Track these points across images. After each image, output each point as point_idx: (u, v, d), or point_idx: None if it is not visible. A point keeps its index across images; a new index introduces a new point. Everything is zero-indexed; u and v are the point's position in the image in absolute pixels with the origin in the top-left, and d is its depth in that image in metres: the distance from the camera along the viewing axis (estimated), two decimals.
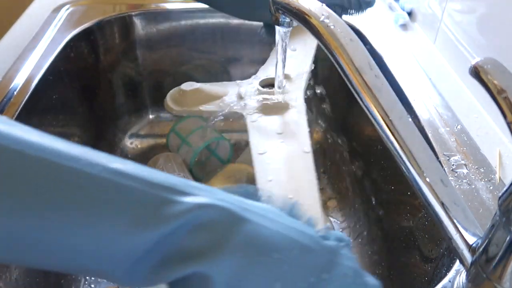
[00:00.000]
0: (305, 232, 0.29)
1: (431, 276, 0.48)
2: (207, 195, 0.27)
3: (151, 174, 0.26)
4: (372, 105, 0.34)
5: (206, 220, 0.25)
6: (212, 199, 0.26)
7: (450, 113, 0.56)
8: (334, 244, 0.29)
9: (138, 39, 0.79)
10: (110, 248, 0.24)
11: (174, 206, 0.25)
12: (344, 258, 0.29)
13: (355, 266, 0.29)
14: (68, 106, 0.69)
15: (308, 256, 0.28)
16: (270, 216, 0.28)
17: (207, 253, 0.25)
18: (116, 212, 0.24)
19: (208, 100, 0.57)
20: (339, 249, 0.29)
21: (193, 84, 0.58)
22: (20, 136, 0.24)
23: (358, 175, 0.73)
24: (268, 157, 0.48)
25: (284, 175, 0.46)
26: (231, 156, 0.77)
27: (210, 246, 0.25)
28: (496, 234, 0.29)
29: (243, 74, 0.83)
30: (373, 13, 0.77)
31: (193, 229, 0.25)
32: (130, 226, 0.24)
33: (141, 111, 0.85)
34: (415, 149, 0.33)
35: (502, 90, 0.25)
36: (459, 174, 0.47)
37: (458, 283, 0.36)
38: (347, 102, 0.77)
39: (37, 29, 0.70)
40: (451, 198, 0.32)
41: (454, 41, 0.62)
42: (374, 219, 0.65)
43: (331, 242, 0.29)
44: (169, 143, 0.78)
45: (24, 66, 0.61)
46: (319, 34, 0.38)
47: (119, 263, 0.25)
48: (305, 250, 0.28)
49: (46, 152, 0.24)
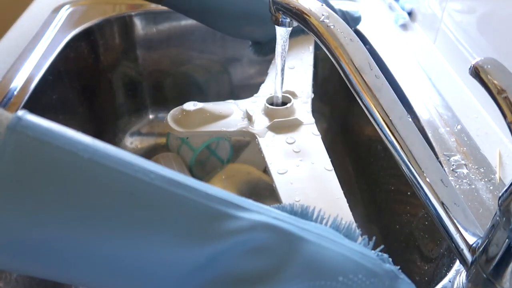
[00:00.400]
0: (367, 254, 0.27)
1: (431, 276, 0.48)
2: (262, 211, 0.25)
3: (204, 186, 0.24)
4: (372, 105, 0.34)
5: (264, 241, 0.24)
6: (268, 217, 0.25)
7: (450, 113, 0.56)
8: (394, 268, 0.28)
9: (138, 39, 0.79)
10: (158, 261, 0.22)
11: (231, 222, 0.23)
12: (404, 283, 0.27)
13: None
14: (68, 106, 0.69)
15: (373, 280, 0.26)
16: (330, 236, 0.27)
17: (265, 278, 0.23)
18: (169, 222, 0.22)
19: (214, 120, 0.54)
20: (399, 274, 0.27)
21: (196, 103, 0.55)
22: (72, 136, 0.23)
23: (358, 175, 0.73)
24: (290, 176, 0.46)
25: (311, 194, 0.44)
26: (231, 156, 0.77)
27: (268, 270, 0.23)
28: (496, 234, 0.29)
29: (243, 74, 0.83)
30: (373, 13, 0.77)
31: (250, 250, 0.23)
32: (183, 238, 0.22)
33: (141, 111, 0.85)
34: (415, 149, 0.33)
35: (502, 90, 0.25)
36: (459, 174, 0.47)
37: (458, 283, 0.36)
38: (347, 102, 0.77)
39: (37, 29, 0.70)
40: (451, 198, 0.32)
41: (454, 41, 0.62)
42: (374, 219, 0.65)
43: (390, 266, 0.28)
44: (169, 143, 0.78)
45: (24, 66, 0.61)
46: (319, 34, 0.37)
47: (165, 279, 0.23)
48: (370, 274, 0.26)
49: (97, 155, 0.23)
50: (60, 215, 0.22)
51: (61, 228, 0.22)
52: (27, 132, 0.22)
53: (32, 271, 0.24)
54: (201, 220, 0.23)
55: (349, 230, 0.29)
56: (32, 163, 0.22)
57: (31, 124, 0.23)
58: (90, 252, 0.22)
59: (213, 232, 0.23)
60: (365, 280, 0.25)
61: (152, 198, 0.23)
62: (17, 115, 0.23)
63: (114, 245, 0.22)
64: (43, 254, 0.22)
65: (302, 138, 0.51)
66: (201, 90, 0.84)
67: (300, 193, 0.44)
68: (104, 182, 0.22)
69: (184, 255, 0.23)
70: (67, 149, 0.22)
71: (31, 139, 0.22)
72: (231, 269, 0.23)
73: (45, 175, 0.22)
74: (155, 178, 0.23)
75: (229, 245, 0.23)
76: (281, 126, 0.53)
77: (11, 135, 0.22)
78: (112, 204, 0.22)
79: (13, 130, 0.22)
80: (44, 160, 0.22)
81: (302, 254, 0.24)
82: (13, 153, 0.21)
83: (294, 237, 0.25)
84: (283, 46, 0.48)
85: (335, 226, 0.29)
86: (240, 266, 0.23)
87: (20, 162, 0.21)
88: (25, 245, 0.22)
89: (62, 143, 0.22)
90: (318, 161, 0.47)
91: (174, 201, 0.23)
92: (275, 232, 0.24)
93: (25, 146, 0.22)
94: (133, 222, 0.22)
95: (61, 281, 0.24)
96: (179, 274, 0.23)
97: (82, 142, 0.23)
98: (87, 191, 0.22)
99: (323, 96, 0.81)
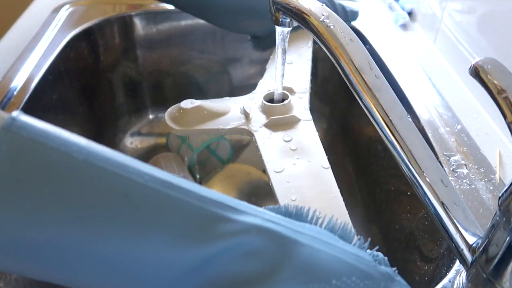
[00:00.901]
0: (361, 256, 0.27)
1: (431, 276, 0.48)
2: (256, 214, 0.25)
3: (199, 188, 0.24)
4: (372, 105, 0.34)
5: (257, 244, 0.24)
6: (262, 219, 0.25)
7: (450, 113, 0.56)
8: (390, 270, 0.27)
9: (138, 39, 0.79)
10: (152, 263, 0.22)
11: (226, 224, 0.23)
12: (400, 286, 0.27)
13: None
14: (68, 106, 0.69)
15: (367, 283, 0.25)
16: (324, 238, 0.26)
17: (258, 281, 0.23)
18: (163, 224, 0.23)
19: (211, 118, 0.54)
20: (394, 276, 0.27)
21: (193, 101, 0.54)
22: (67, 138, 0.23)
23: (358, 175, 0.73)
24: (287, 175, 0.45)
25: (308, 193, 0.43)
26: (231, 156, 0.77)
27: (261, 273, 0.23)
28: (496, 234, 0.29)
29: (243, 74, 0.83)
30: (373, 13, 0.77)
31: (244, 253, 0.23)
32: (178, 239, 0.22)
33: (141, 111, 0.85)
34: (415, 149, 0.33)
35: (502, 90, 0.25)
36: (459, 174, 0.47)
37: (458, 283, 0.36)
38: (347, 102, 0.77)
39: (37, 29, 0.70)
40: (451, 198, 0.32)
41: (454, 41, 0.62)
42: (374, 219, 0.65)
43: (385, 267, 0.27)
44: (169, 143, 0.78)
45: (24, 66, 0.61)
46: (319, 34, 0.37)
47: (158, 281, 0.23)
48: (364, 276, 0.26)
49: (92, 156, 0.23)
50: (55, 216, 0.22)
51: (55, 228, 0.22)
52: (21, 133, 0.22)
53: (27, 272, 0.24)
54: (195, 222, 0.23)
55: (344, 230, 0.29)
56: (27, 164, 0.22)
57: (26, 125, 0.23)
58: (84, 252, 0.22)
59: (207, 234, 0.23)
60: (359, 282, 0.25)
61: (147, 199, 0.23)
62: (11, 116, 0.23)
63: (108, 246, 0.22)
64: (37, 255, 0.22)
65: (299, 136, 0.51)
66: (201, 90, 0.84)
67: (296, 192, 0.43)
68: (98, 183, 0.22)
69: (178, 257, 0.23)
70: (62, 150, 0.22)
71: (25, 140, 0.22)
72: (225, 272, 0.23)
73: (40, 176, 0.22)
74: (149, 180, 0.23)
75: (223, 247, 0.23)
76: (278, 123, 0.52)
77: (6, 135, 0.22)
78: (106, 205, 0.22)
79: (7, 130, 0.22)
80: (38, 160, 0.22)
81: (295, 257, 0.24)
82: (7, 153, 0.21)
83: (287, 240, 0.25)
84: (283, 46, 0.48)
85: (330, 227, 0.29)
86: (234, 268, 0.23)
87: (14, 162, 0.21)
88: (20, 245, 0.22)
89: (57, 144, 0.22)
90: (315, 159, 0.47)
91: (168, 202, 0.23)
92: (269, 235, 0.24)
93: (20, 147, 0.22)
94: (128, 223, 0.22)
95: (55, 282, 0.24)
96: (173, 276, 0.23)
97: (77, 144, 0.23)
98: (82, 192, 0.22)
99: (323, 96, 0.81)
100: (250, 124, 0.52)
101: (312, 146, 0.49)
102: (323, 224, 0.29)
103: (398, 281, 0.27)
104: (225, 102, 0.56)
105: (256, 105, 0.55)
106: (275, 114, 0.53)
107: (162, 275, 0.23)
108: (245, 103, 0.55)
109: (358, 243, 0.28)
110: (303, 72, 0.60)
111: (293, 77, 0.58)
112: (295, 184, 0.44)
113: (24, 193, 0.21)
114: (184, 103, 0.54)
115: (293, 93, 0.56)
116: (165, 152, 0.76)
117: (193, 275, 0.23)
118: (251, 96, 0.57)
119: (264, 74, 0.61)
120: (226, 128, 0.53)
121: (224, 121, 0.53)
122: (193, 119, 0.53)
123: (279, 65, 0.50)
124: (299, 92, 0.56)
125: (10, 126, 0.22)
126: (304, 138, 0.50)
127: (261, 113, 0.54)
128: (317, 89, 0.81)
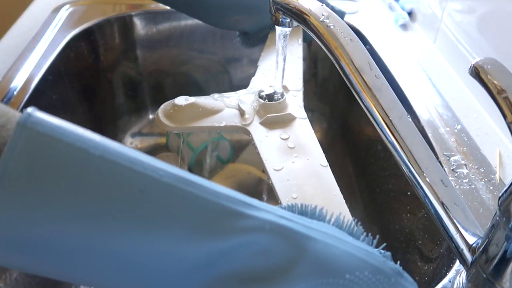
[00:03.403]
0: (371, 252, 0.27)
1: (431, 276, 0.48)
2: (270, 210, 0.25)
3: (212, 184, 0.25)
4: (372, 105, 0.34)
5: (272, 240, 0.24)
6: (276, 216, 0.25)
7: (450, 113, 0.56)
8: (397, 266, 0.28)
9: (138, 39, 0.79)
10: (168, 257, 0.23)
11: (241, 219, 0.24)
12: (408, 281, 0.27)
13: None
14: (68, 106, 0.69)
15: (379, 277, 0.26)
16: (335, 234, 0.27)
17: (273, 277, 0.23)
18: (179, 219, 0.23)
19: (206, 115, 0.52)
20: (402, 272, 0.28)
21: (188, 98, 0.52)
22: (82, 134, 0.23)
23: (358, 175, 0.73)
24: (286, 173, 0.45)
25: (309, 191, 0.43)
26: (231, 156, 0.77)
27: (276, 269, 0.24)
28: (496, 234, 0.29)
29: (243, 74, 0.83)
30: (373, 13, 0.77)
31: (259, 249, 0.24)
32: (193, 234, 0.23)
33: (141, 111, 0.85)
34: (415, 149, 0.33)
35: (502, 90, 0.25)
36: (459, 174, 0.47)
37: (458, 283, 0.36)
38: (347, 102, 0.77)
39: (37, 29, 0.70)
40: (451, 198, 0.32)
41: (454, 41, 0.62)
42: (374, 219, 0.65)
43: (393, 263, 0.28)
44: (169, 143, 0.78)
45: (24, 66, 0.61)
46: (319, 34, 0.37)
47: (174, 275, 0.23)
48: (376, 271, 0.26)
49: (108, 152, 0.23)
50: (71, 211, 0.22)
51: (72, 224, 0.22)
52: (37, 129, 0.22)
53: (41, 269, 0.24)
54: (211, 217, 0.23)
55: (352, 228, 0.29)
56: (43, 159, 0.22)
57: (41, 121, 0.23)
58: (100, 247, 0.22)
59: (222, 229, 0.23)
60: (371, 277, 0.25)
61: (162, 195, 0.23)
62: (27, 112, 0.23)
63: (124, 241, 0.22)
64: (53, 250, 0.22)
65: (296, 133, 0.51)
66: (201, 90, 0.84)
67: (297, 190, 0.43)
68: (115, 179, 0.22)
69: (193, 251, 0.23)
70: (78, 146, 0.22)
71: (41, 135, 0.22)
72: (240, 267, 0.23)
73: (56, 171, 0.22)
74: (164, 176, 0.23)
75: (238, 242, 0.23)
76: (274, 121, 0.52)
77: (22, 131, 0.22)
78: (122, 200, 0.22)
79: (23, 126, 0.22)
80: (55, 156, 0.22)
81: (309, 253, 0.24)
82: (24, 148, 0.21)
83: (301, 235, 0.25)
84: (283, 46, 0.48)
85: (338, 224, 0.29)
86: (249, 264, 0.23)
87: (31, 157, 0.21)
88: (35, 241, 0.22)
89: (72, 140, 0.22)
90: (313, 157, 0.47)
91: (183, 198, 0.23)
92: (283, 231, 0.25)
93: (36, 142, 0.22)
94: (143, 218, 0.22)
95: (69, 280, 0.24)
96: (188, 270, 0.23)
97: (92, 140, 0.23)
98: (98, 187, 0.22)
99: (323, 96, 0.81)
100: (246, 122, 0.52)
101: (309, 144, 0.49)
102: (331, 221, 0.29)
103: (406, 277, 0.28)
104: (220, 98, 0.55)
105: (251, 103, 0.54)
106: (270, 112, 0.52)
107: (177, 269, 0.23)
108: (240, 100, 0.54)
109: (367, 240, 0.29)
110: (295, 69, 0.60)
111: (286, 75, 0.57)
112: (295, 182, 0.44)
113: (41, 188, 0.21)
114: (178, 100, 0.53)
115: (287, 91, 0.56)
116: (165, 152, 0.76)
117: (208, 270, 0.23)
118: (245, 92, 0.56)
119: (256, 71, 0.60)
120: (221, 125, 0.52)
121: (219, 119, 0.52)
122: (187, 116, 0.52)
123: (280, 64, 0.50)
124: (293, 90, 0.56)
125: (25, 122, 0.22)
126: (301, 136, 0.50)
127: (257, 110, 0.53)
128: (317, 89, 0.81)
